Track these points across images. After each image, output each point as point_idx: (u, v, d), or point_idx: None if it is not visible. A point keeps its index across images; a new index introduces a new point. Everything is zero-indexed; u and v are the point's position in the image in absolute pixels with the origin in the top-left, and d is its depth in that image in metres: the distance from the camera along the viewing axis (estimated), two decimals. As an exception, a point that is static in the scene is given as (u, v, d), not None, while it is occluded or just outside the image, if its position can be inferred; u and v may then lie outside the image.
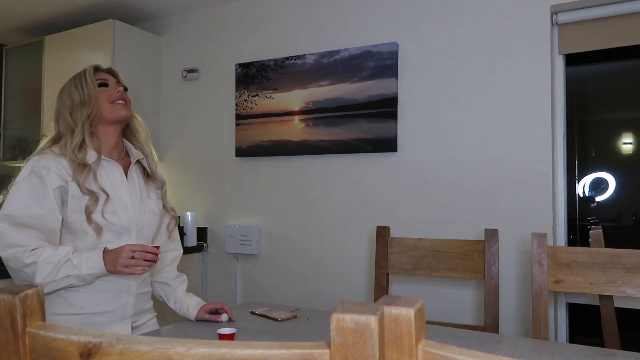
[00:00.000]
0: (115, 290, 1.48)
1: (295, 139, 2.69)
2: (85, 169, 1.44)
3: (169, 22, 3.23)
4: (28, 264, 1.34)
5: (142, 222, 1.55)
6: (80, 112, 1.48)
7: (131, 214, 1.51)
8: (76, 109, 1.49)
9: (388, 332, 0.44)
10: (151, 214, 1.59)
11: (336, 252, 2.62)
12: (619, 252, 1.51)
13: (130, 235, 1.50)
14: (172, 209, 1.71)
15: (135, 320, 1.55)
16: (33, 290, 0.55)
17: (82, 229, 1.42)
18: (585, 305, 2.23)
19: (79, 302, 1.44)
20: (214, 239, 3.02)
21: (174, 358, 0.47)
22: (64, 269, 1.35)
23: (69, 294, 1.43)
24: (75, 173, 1.43)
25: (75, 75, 1.56)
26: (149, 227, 1.58)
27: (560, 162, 2.28)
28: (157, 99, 3.22)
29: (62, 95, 1.55)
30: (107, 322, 1.47)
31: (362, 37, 2.58)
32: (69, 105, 1.50)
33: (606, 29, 2.18)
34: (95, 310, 1.45)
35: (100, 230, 1.43)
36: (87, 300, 1.44)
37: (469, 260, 1.86)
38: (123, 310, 1.50)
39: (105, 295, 1.46)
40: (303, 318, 1.68)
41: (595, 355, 1.27)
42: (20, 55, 3.40)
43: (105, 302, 1.46)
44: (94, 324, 1.45)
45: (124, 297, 1.50)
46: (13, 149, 3.41)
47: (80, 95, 1.50)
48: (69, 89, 1.53)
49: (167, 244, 1.71)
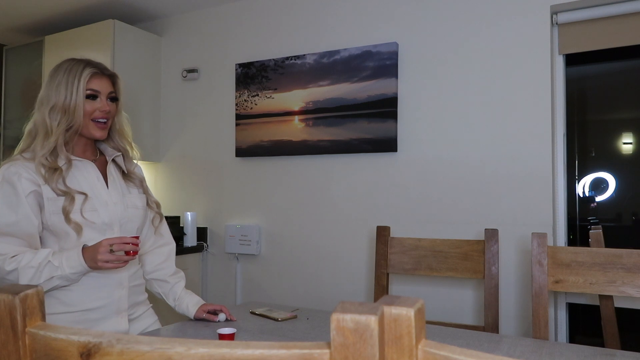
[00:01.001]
0: (107, 285, 1.47)
1: (295, 139, 2.69)
2: (56, 172, 1.42)
3: (169, 22, 3.23)
4: (9, 271, 1.33)
5: (126, 217, 1.53)
6: (58, 118, 1.43)
7: (112, 210, 1.50)
8: (57, 111, 1.44)
9: (388, 332, 0.44)
10: (134, 209, 1.57)
11: (336, 252, 2.62)
12: (619, 252, 1.51)
13: (113, 231, 1.49)
14: (157, 203, 1.67)
15: (131, 312, 1.55)
16: (33, 290, 0.55)
17: (63, 230, 1.41)
18: (585, 305, 2.23)
19: (72, 300, 1.43)
20: (214, 239, 3.02)
21: (174, 358, 0.47)
22: (45, 271, 1.34)
23: (61, 293, 1.42)
24: (46, 177, 1.41)
25: (73, 68, 1.47)
26: (132, 222, 1.56)
27: (560, 162, 2.28)
28: (157, 99, 3.22)
29: (51, 82, 1.47)
30: (103, 317, 1.46)
31: (362, 37, 2.58)
32: (52, 102, 1.44)
33: (606, 29, 2.18)
34: (89, 307, 1.44)
35: (80, 229, 1.42)
36: (80, 297, 1.43)
37: (469, 260, 1.86)
38: (117, 304, 1.49)
39: (97, 291, 1.45)
40: (303, 318, 1.68)
41: (595, 355, 1.27)
42: (20, 55, 3.41)
43: (98, 297, 1.46)
44: (90, 320, 1.44)
45: (117, 291, 1.49)
46: (13, 149, 3.41)
47: (66, 98, 1.44)
48: (59, 82, 1.46)
49: (158, 239, 1.70)
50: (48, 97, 1.46)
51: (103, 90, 1.50)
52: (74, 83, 1.45)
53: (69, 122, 1.45)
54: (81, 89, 1.45)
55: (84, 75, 1.46)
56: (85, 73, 1.47)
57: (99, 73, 1.51)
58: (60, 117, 1.44)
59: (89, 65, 1.49)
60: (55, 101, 1.45)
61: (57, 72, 1.48)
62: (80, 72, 1.46)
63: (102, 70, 1.52)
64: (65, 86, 1.45)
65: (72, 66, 1.48)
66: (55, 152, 1.45)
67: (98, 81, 1.49)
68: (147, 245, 1.66)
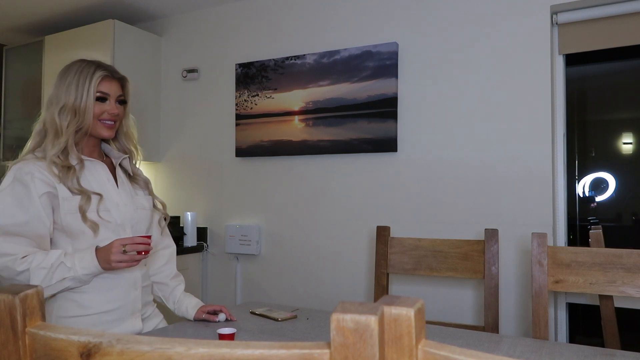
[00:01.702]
0: (123, 287, 1.48)
1: (295, 139, 2.69)
2: (70, 170, 1.42)
3: (169, 22, 3.23)
4: (20, 271, 1.33)
5: (136, 218, 1.54)
6: (68, 119, 1.44)
7: (123, 210, 1.51)
8: (67, 111, 1.44)
9: (388, 332, 0.44)
10: (143, 210, 1.59)
11: (336, 252, 2.62)
12: (619, 252, 1.51)
13: (125, 232, 1.50)
14: (163, 205, 1.69)
15: (143, 312, 1.56)
16: (33, 290, 0.55)
17: (78, 229, 1.41)
18: (585, 305, 2.23)
19: (89, 303, 1.43)
20: (214, 239, 3.02)
21: (174, 358, 0.47)
22: (58, 272, 1.34)
23: (77, 295, 1.42)
24: (61, 176, 1.41)
25: (84, 70, 1.47)
26: (142, 223, 1.57)
27: (560, 162, 2.28)
28: (157, 99, 3.22)
29: (62, 82, 1.48)
30: (119, 318, 1.48)
31: (362, 37, 2.59)
32: (62, 102, 1.45)
33: (606, 29, 2.18)
34: (106, 309, 1.45)
35: (97, 228, 1.42)
36: (97, 300, 1.44)
37: (469, 260, 1.86)
38: (133, 304, 1.51)
39: (113, 293, 1.46)
40: (303, 318, 1.68)
41: (595, 355, 1.27)
42: (20, 55, 3.41)
43: (114, 299, 1.47)
44: (106, 322, 1.45)
45: (132, 292, 1.51)
46: (13, 149, 3.42)
47: (76, 99, 1.45)
48: (70, 83, 1.46)
49: (160, 241, 1.71)
50: (58, 97, 1.47)
51: (112, 93, 1.51)
52: (84, 85, 1.46)
53: (79, 124, 1.46)
54: (92, 91, 1.46)
55: (95, 77, 1.47)
56: (96, 75, 1.48)
57: (109, 76, 1.52)
58: (70, 118, 1.45)
59: (100, 67, 1.50)
60: (65, 101, 1.45)
61: (68, 73, 1.49)
62: (91, 75, 1.47)
63: (112, 73, 1.53)
64: (76, 87, 1.46)
65: (83, 68, 1.49)
66: (65, 152, 1.45)
67: (108, 84, 1.51)
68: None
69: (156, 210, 1.67)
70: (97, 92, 1.47)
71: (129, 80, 1.58)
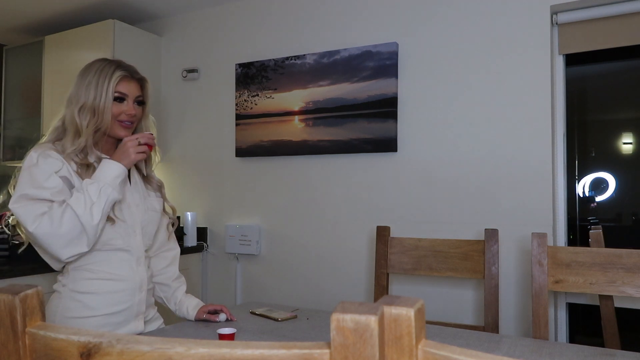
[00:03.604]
0: (129, 289, 1.49)
1: (295, 139, 2.69)
2: (89, 168, 1.44)
3: (169, 22, 3.23)
4: (62, 213, 1.32)
5: (146, 220, 1.56)
6: (87, 118, 1.45)
7: (134, 211, 1.52)
8: (86, 111, 1.45)
9: (388, 332, 0.44)
10: (154, 212, 1.61)
11: (336, 252, 2.62)
12: (619, 252, 1.51)
13: (135, 232, 1.52)
14: (173, 209, 1.72)
15: (145, 314, 1.57)
16: (33, 290, 0.55)
17: None
18: (585, 305, 2.23)
19: (95, 304, 1.44)
20: (214, 239, 3.02)
21: (174, 358, 0.47)
22: (91, 189, 1.35)
23: (84, 296, 1.44)
24: (79, 172, 1.43)
25: (104, 69, 1.48)
26: (151, 225, 1.59)
27: (560, 162, 2.27)
28: (157, 99, 3.22)
29: (82, 81, 1.48)
30: (124, 320, 1.49)
31: (362, 37, 2.58)
32: (82, 101, 1.45)
33: (606, 29, 2.18)
34: (112, 311, 1.46)
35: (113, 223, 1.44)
36: (104, 301, 1.45)
37: (469, 260, 1.86)
38: (137, 307, 1.52)
39: (120, 295, 1.48)
40: (303, 318, 1.68)
41: (595, 355, 1.27)
42: (20, 55, 3.41)
43: (120, 301, 1.48)
44: (112, 324, 1.46)
45: (137, 295, 1.51)
46: (13, 149, 3.42)
47: (95, 99, 1.45)
48: (89, 82, 1.47)
49: (165, 244, 1.72)
50: (77, 96, 1.47)
51: (131, 93, 1.52)
52: (103, 84, 1.46)
53: (97, 124, 1.46)
54: (110, 91, 1.47)
55: (114, 77, 1.48)
56: (115, 75, 1.48)
57: (129, 76, 1.52)
58: (90, 117, 1.46)
59: (120, 67, 1.50)
60: (84, 100, 1.46)
61: (88, 72, 1.49)
62: (110, 74, 1.48)
63: (132, 73, 1.53)
64: (95, 87, 1.46)
65: (103, 67, 1.49)
66: (85, 151, 1.47)
67: (127, 84, 1.51)
68: (153, 249, 1.67)
69: (165, 214, 1.68)
70: (115, 92, 1.48)
71: (148, 81, 1.58)
